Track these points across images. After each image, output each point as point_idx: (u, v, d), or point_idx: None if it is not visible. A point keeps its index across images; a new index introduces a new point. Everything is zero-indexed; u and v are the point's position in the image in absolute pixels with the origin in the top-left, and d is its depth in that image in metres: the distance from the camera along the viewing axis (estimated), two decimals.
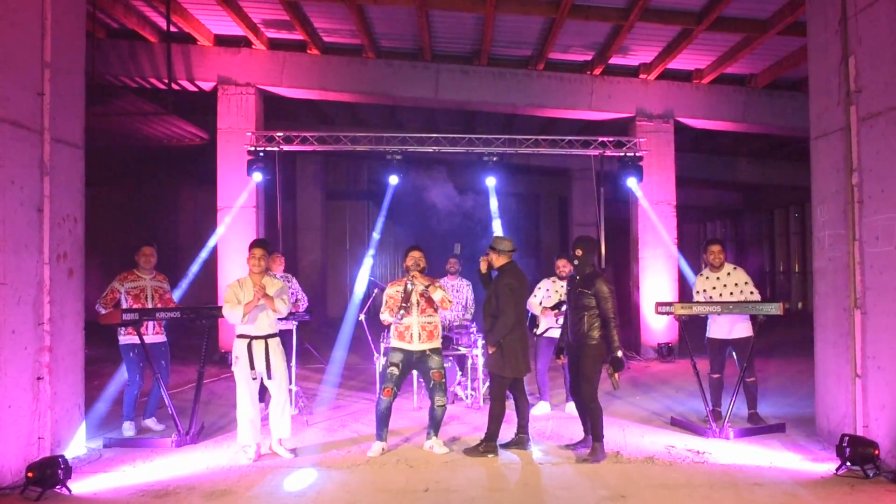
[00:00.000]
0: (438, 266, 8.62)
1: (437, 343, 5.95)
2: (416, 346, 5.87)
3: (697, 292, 6.82)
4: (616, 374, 5.56)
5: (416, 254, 6.02)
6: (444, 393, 5.90)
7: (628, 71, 11.98)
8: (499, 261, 5.91)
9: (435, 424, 5.91)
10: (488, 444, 5.75)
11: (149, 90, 11.51)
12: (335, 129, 11.97)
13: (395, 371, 5.83)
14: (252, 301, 5.59)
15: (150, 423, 6.74)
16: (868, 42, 5.41)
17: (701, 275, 6.90)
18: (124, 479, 5.18)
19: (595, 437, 5.64)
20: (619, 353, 5.51)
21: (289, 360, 6.49)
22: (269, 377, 5.67)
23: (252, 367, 5.62)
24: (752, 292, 6.60)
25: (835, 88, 5.82)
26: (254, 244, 5.85)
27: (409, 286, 5.87)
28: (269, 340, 5.72)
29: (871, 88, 5.37)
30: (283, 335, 6.10)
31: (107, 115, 11.06)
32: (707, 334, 6.82)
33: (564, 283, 7.34)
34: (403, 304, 5.83)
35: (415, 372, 7.50)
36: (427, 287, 5.85)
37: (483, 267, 6.00)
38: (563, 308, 7.23)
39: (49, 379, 5.34)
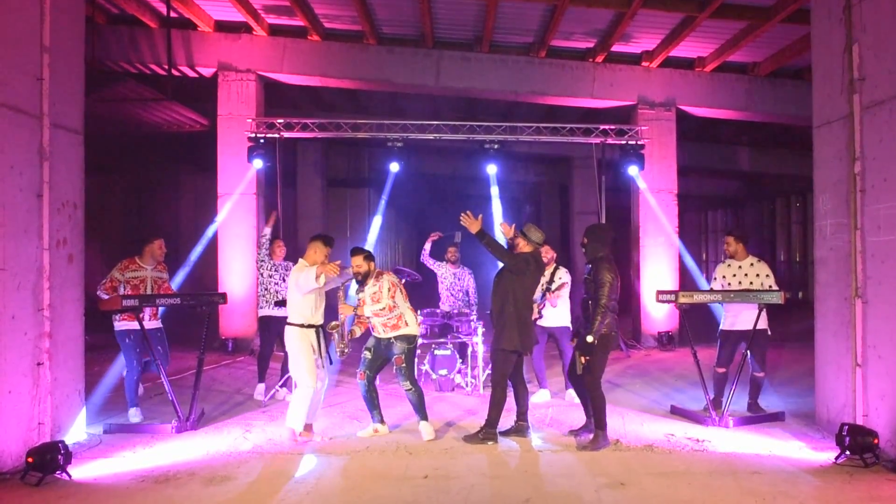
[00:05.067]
0: (438, 254, 8.62)
1: (404, 331, 5.96)
2: (382, 335, 6.00)
3: (715, 279, 6.83)
4: (582, 358, 5.59)
5: (355, 260, 6.00)
6: (408, 378, 5.92)
7: (630, 58, 11.92)
8: (524, 247, 5.94)
9: (416, 409, 5.98)
10: (488, 430, 5.75)
11: (149, 76, 11.45)
12: (336, 116, 11.89)
13: (368, 354, 6.02)
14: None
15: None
16: (872, 30, 5.36)
17: (723, 262, 6.91)
18: (124, 465, 5.20)
19: (597, 425, 5.65)
20: (591, 339, 5.52)
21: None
22: (332, 362, 5.97)
23: (318, 353, 5.82)
24: (770, 286, 6.55)
25: (838, 77, 5.78)
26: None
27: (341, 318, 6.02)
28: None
29: (875, 76, 5.33)
30: (284, 322, 6.07)
31: (107, 100, 11.05)
32: (720, 326, 6.81)
33: (548, 272, 7.36)
34: (342, 342, 5.98)
35: (415, 361, 7.55)
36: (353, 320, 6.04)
37: (507, 233, 5.98)
38: (547, 295, 7.27)
39: (49, 364, 5.35)
